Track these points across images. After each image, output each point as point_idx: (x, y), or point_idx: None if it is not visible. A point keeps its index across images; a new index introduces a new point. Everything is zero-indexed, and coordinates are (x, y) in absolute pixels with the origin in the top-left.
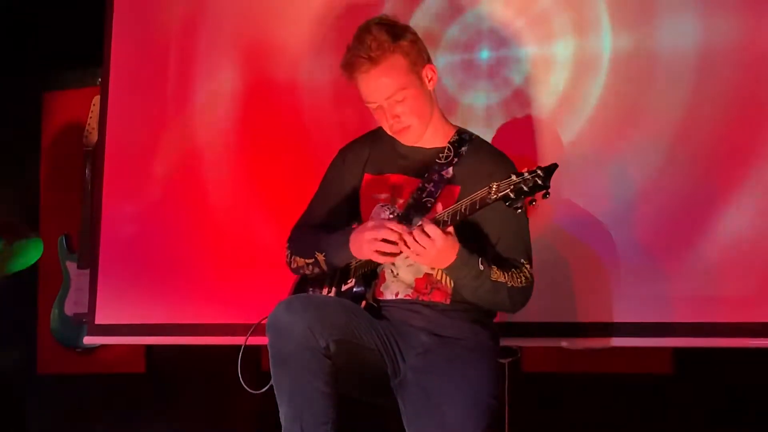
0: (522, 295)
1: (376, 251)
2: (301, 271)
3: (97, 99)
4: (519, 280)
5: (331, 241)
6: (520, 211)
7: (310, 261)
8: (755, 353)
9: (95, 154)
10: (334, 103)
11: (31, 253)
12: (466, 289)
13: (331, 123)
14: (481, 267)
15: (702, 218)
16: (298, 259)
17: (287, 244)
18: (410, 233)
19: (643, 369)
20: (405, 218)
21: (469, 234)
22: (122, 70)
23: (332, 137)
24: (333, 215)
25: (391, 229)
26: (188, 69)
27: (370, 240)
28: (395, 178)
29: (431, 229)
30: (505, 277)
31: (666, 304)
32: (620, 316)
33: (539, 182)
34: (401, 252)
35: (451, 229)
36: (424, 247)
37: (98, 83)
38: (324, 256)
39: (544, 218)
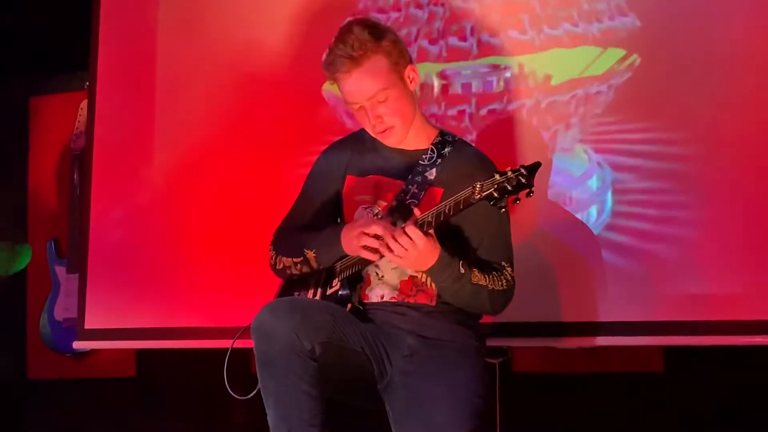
0: (502, 298)
1: (364, 246)
2: (288, 272)
3: (84, 103)
4: (500, 283)
5: (321, 238)
6: (503, 210)
7: (299, 260)
8: (746, 351)
9: (83, 159)
10: (320, 103)
11: (20, 259)
12: (446, 291)
13: (318, 124)
14: (462, 270)
15: (689, 216)
16: (284, 259)
17: (271, 247)
18: (392, 236)
19: (634, 368)
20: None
21: (451, 237)
22: (109, 74)
23: (318, 139)
24: (316, 217)
25: (379, 226)
26: (174, 72)
27: (359, 235)
28: (378, 180)
29: (413, 231)
30: (485, 280)
31: (654, 302)
32: (609, 315)
33: (523, 181)
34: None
35: (432, 231)
36: (406, 249)
37: (85, 87)
38: (314, 253)
39: (530, 221)
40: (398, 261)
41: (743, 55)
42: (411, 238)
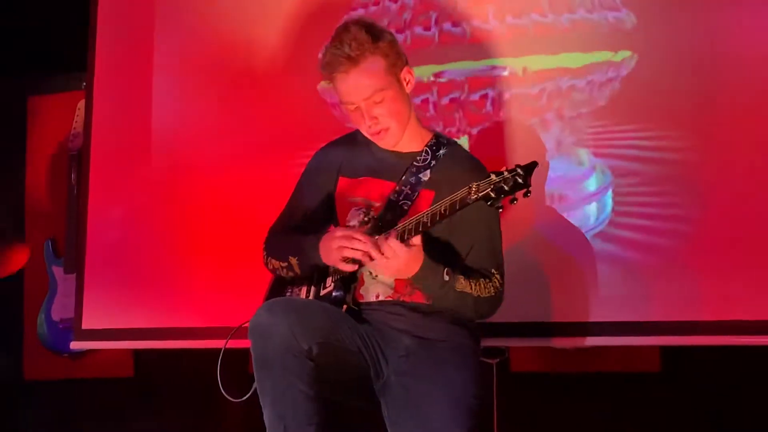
0: (489, 305)
1: (343, 259)
2: (278, 273)
3: (82, 103)
4: (488, 290)
5: (303, 245)
6: (497, 212)
7: (284, 264)
8: (742, 350)
9: (80, 159)
10: (317, 102)
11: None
12: (431, 296)
13: (315, 123)
14: (446, 277)
15: (686, 216)
16: (273, 261)
17: (264, 246)
18: (375, 246)
19: (630, 368)
20: (381, 222)
21: (441, 242)
22: (107, 74)
23: (315, 138)
24: (309, 218)
25: (359, 240)
26: (171, 72)
27: (338, 248)
28: (371, 182)
29: (395, 243)
30: (471, 288)
31: (651, 302)
32: (606, 315)
33: (519, 181)
34: (368, 260)
35: (417, 239)
36: (388, 259)
37: (83, 87)
38: (297, 260)
39: (527, 221)
40: (380, 270)
41: (744, 55)
42: (394, 250)
